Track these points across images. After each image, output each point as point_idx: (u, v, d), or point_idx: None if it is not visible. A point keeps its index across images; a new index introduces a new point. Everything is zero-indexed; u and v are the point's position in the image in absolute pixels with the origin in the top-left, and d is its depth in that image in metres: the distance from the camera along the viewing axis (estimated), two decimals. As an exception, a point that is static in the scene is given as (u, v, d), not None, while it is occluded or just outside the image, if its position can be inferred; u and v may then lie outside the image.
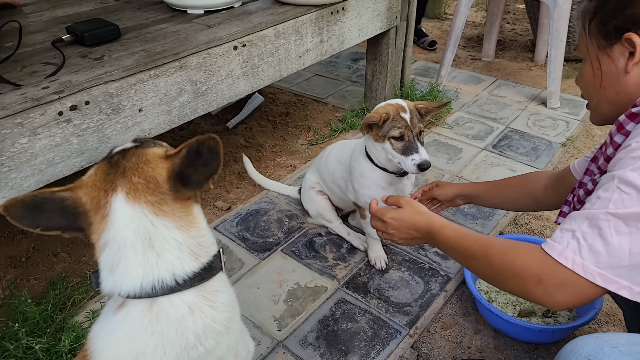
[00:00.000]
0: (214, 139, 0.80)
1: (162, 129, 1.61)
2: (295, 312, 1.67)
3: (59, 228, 0.83)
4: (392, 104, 1.56)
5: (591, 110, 1.14)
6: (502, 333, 1.58)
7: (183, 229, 0.84)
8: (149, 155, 0.85)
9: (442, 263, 1.86)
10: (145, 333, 0.82)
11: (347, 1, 2.15)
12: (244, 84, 1.83)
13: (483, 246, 1.04)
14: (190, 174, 0.82)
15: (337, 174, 1.84)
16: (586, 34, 1.03)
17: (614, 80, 1.01)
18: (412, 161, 1.51)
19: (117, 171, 0.84)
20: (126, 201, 0.82)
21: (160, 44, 1.62)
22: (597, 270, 0.83)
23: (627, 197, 0.80)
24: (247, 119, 2.87)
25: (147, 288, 0.82)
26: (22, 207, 0.80)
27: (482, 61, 3.62)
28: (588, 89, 1.09)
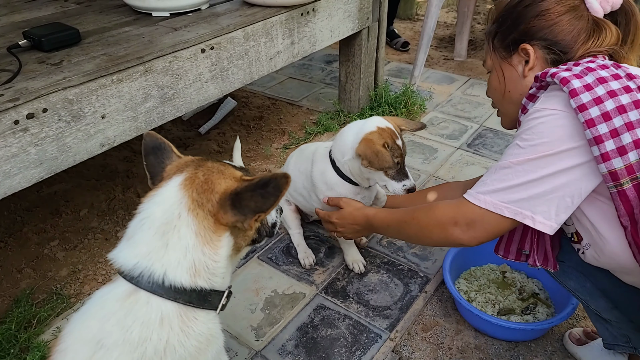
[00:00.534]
0: (286, 179, 0.85)
1: (128, 136, 1.55)
2: (273, 321, 1.62)
3: (150, 170, 0.95)
4: (385, 130, 1.49)
5: (501, 116, 1.31)
6: (483, 332, 1.57)
7: (200, 240, 0.84)
8: (228, 170, 0.91)
9: (421, 264, 1.84)
10: (112, 320, 0.81)
11: (317, 2, 2.12)
12: (214, 88, 1.78)
13: (410, 211, 1.26)
14: (245, 197, 0.86)
15: (299, 183, 1.78)
16: (491, 49, 1.24)
17: (516, 84, 1.20)
18: (403, 186, 1.51)
19: (199, 164, 0.91)
20: (179, 185, 0.86)
21: (123, 48, 1.56)
22: (504, 204, 1.02)
23: (522, 151, 1.00)
24: (220, 124, 2.81)
25: (137, 271, 0.82)
26: (154, 138, 0.96)
27: (454, 61, 3.65)
28: (496, 94, 1.27)
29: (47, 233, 2.03)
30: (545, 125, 0.98)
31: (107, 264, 1.89)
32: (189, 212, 0.84)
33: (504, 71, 1.21)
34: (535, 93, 1.09)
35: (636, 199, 0.94)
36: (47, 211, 2.14)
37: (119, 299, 0.82)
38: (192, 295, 0.84)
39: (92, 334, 0.80)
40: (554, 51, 1.12)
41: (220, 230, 0.86)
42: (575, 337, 1.50)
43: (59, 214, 2.13)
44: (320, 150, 1.70)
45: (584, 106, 0.93)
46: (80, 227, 2.06)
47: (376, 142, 1.46)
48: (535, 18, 1.13)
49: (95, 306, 0.84)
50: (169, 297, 0.82)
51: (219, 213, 0.85)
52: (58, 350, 0.82)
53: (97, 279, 1.83)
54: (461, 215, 1.09)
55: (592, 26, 1.10)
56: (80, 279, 1.83)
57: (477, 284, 1.71)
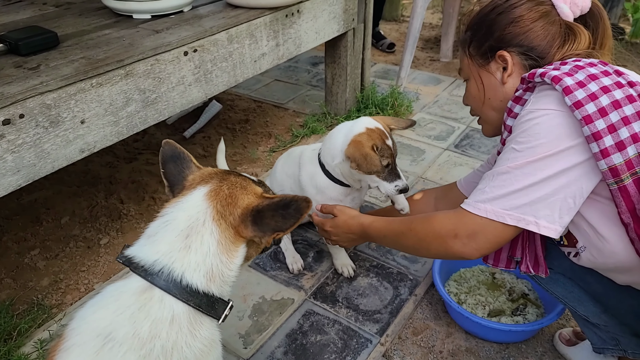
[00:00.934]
0: (307, 203, 0.90)
1: (110, 141, 1.51)
2: (261, 328, 1.59)
3: (169, 179, 0.99)
4: (374, 130, 1.46)
5: (482, 123, 1.31)
6: (473, 335, 1.55)
7: (220, 248, 0.89)
8: (250, 185, 0.96)
9: (411, 267, 1.82)
10: (126, 313, 0.83)
11: (302, 3, 2.10)
12: (197, 91, 1.75)
13: (407, 222, 1.23)
14: (266, 216, 0.90)
15: (286, 186, 1.75)
16: (467, 57, 1.23)
17: (496, 91, 1.19)
18: (395, 187, 1.48)
19: (223, 177, 0.96)
20: (205, 195, 0.91)
21: (102, 51, 1.52)
22: (506, 212, 0.99)
23: (519, 154, 0.98)
24: (205, 127, 2.77)
25: (156, 268, 0.85)
26: (172, 147, 1.00)
27: (440, 62, 3.65)
28: (476, 102, 1.26)
29: (28, 242, 1.97)
30: (541, 126, 0.97)
31: (89, 272, 1.85)
32: (213, 221, 0.89)
33: (482, 79, 1.21)
34: (522, 95, 1.08)
35: (637, 194, 0.93)
36: (27, 219, 2.09)
37: (135, 293, 0.85)
38: (203, 300, 0.87)
39: (103, 325, 0.82)
40: (531, 57, 1.13)
41: (238, 242, 0.91)
42: (565, 337, 1.49)
43: (39, 222, 2.08)
44: (306, 153, 1.67)
45: (580, 103, 0.92)
46: (61, 235, 2.01)
47: (365, 144, 1.42)
48: (510, 25, 1.14)
49: (109, 298, 0.86)
50: (182, 297, 0.85)
51: (240, 226, 0.91)
52: (68, 338, 0.83)
53: (79, 288, 1.78)
54: (461, 226, 1.05)
55: (565, 31, 1.11)
56: (62, 289, 1.78)
57: (467, 286, 1.70)
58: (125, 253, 0.89)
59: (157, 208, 2.14)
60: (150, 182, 2.30)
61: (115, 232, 2.02)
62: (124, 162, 2.48)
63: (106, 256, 1.92)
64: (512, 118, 1.10)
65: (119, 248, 1.95)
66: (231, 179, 0.95)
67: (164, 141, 1.01)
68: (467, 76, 1.27)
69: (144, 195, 2.22)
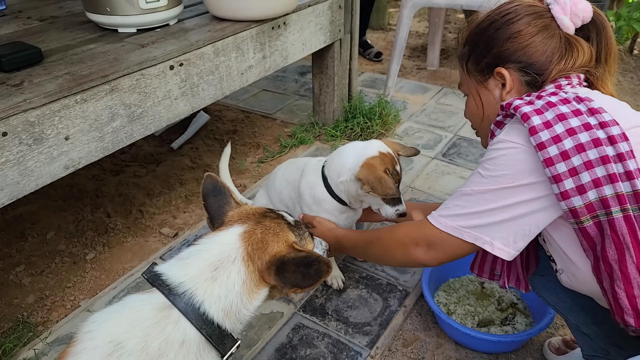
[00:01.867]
0: (328, 269, 0.93)
1: (95, 157, 1.49)
2: (250, 342, 1.58)
3: (210, 212, 1.03)
4: (386, 155, 1.48)
5: (481, 137, 1.29)
6: (463, 345, 1.56)
7: (244, 288, 0.92)
8: (283, 232, 0.99)
9: (400, 277, 1.83)
10: (142, 325, 0.85)
11: (288, 16, 2.11)
12: (184, 105, 1.74)
13: (376, 232, 1.29)
14: (289, 269, 0.93)
15: (285, 193, 1.76)
16: (465, 73, 1.22)
17: (494, 108, 1.17)
18: (396, 211, 1.51)
19: (259, 220, 1.00)
20: (239, 235, 0.96)
21: (87, 66, 1.51)
22: (464, 229, 1.04)
23: (484, 180, 1.02)
24: (193, 138, 2.76)
25: (181, 290, 0.88)
26: (214, 181, 1.05)
27: (427, 70, 3.68)
28: (475, 118, 1.25)
29: (12, 258, 1.94)
30: (507, 158, 0.99)
31: (75, 288, 1.82)
32: (242, 261, 0.93)
33: (481, 96, 1.20)
34: (502, 120, 1.10)
35: (598, 236, 0.94)
36: (12, 235, 2.05)
37: (155, 308, 0.87)
38: (215, 332, 0.88)
39: (118, 332, 0.84)
40: (528, 73, 1.10)
41: (261, 285, 0.95)
42: (555, 346, 1.50)
43: (24, 237, 2.05)
44: (312, 162, 1.68)
45: (543, 145, 0.93)
46: (47, 251, 1.98)
47: (378, 167, 1.44)
48: (508, 41, 1.11)
49: (130, 308, 0.89)
50: (197, 324, 0.86)
51: (264, 272, 0.94)
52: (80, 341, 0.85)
53: (65, 305, 1.76)
54: (422, 236, 1.11)
55: (564, 45, 1.09)
56: (48, 306, 1.76)
57: (456, 296, 1.70)
58: (154, 269, 0.92)
59: (145, 221, 2.14)
60: (138, 195, 2.28)
61: (102, 247, 2.00)
62: (111, 174, 2.45)
63: (92, 272, 1.89)
64: (490, 138, 1.12)
65: (105, 263, 1.93)
66: (266, 223, 0.99)
67: (206, 174, 1.06)
68: (467, 92, 1.26)
69: (131, 208, 2.20)
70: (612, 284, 0.94)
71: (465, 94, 1.27)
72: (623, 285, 0.93)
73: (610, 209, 0.91)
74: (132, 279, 1.84)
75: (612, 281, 0.94)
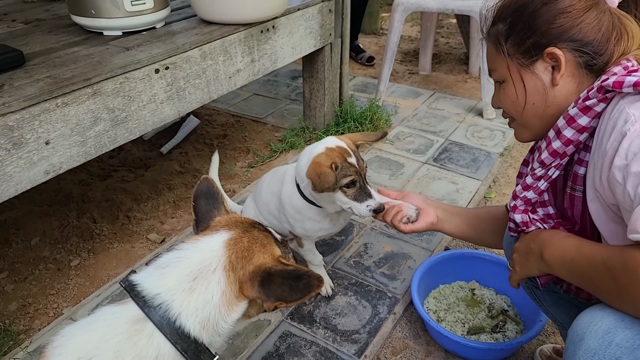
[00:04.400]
0: (319, 283, 0.87)
1: (77, 162, 1.46)
2: (236, 351, 1.55)
3: (197, 214, 0.99)
4: (334, 149, 1.42)
5: (518, 127, 1.14)
6: (453, 353, 1.53)
7: (222, 300, 0.87)
8: (270, 245, 0.95)
9: (390, 284, 1.80)
10: (113, 340, 0.81)
11: (277, 19, 2.09)
12: (170, 109, 1.72)
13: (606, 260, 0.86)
14: (274, 282, 0.88)
15: (272, 205, 1.72)
16: (505, 55, 1.06)
17: (543, 95, 1.03)
18: (367, 207, 1.42)
19: (247, 229, 0.95)
20: (224, 242, 0.91)
21: (69, 69, 1.48)
22: None
23: None
24: (182, 143, 2.73)
25: (157, 302, 0.84)
26: (209, 184, 1.02)
27: (419, 75, 3.67)
28: (515, 107, 1.09)
29: (-5, 265, 1.91)
30: None
31: (58, 296, 1.78)
32: (223, 271, 0.88)
33: (525, 82, 1.05)
34: (593, 105, 0.93)
35: None
36: (-5, 241, 2.02)
37: (127, 322, 0.83)
38: (191, 346, 0.84)
39: (87, 348, 0.81)
40: (586, 52, 0.98)
41: (241, 298, 0.90)
42: (546, 354, 1.48)
43: (8, 243, 2.01)
44: (290, 171, 1.63)
45: None
46: (30, 257, 1.94)
47: (323, 163, 1.39)
48: (558, 16, 0.98)
49: (101, 321, 0.85)
50: (171, 338, 0.83)
51: (246, 284, 0.89)
52: (49, 356, 0.81)
53: (47, 312, 1.72)
54: None
55: (617, 22, 0.98)
56: (31, 314, 1.72)
57: (446, 303, 1.68)
58: (130, 278, 0.88)
59: (132, 227, 2.11)
60: (125, 200, 2.24)
61: (87, 253, 1.96)
62: (98, 179, 2.42)
63: (76, 278, 1.86)
64: (572, 129, 0.96)
65: (90, 270, 1.89)
66: (254, 233, 0.95)
67: (202, 177, 1.03)
68: (503, 77, 1.09)
69: (118, 213, 2.17)
70: None
71: (500, 80, 1.11)
72: None
73: None
74: (116, 286, 1.80)
75: None
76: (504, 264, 1.63)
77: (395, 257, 1.93)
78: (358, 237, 2.04)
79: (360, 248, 1.98)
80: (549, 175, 1.04)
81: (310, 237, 1.66)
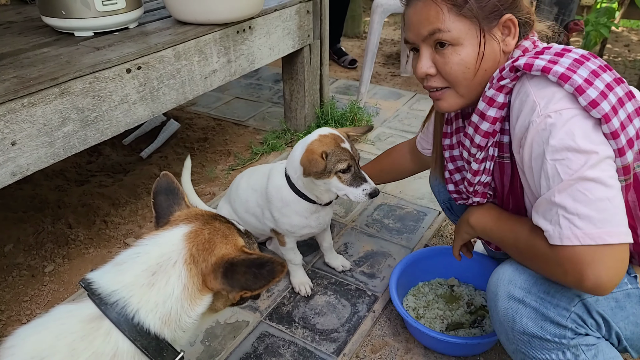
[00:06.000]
0: (283, 268, 0.86)
1: (45, 163, 1.43)
2: (213, 353, 1.52)
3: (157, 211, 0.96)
4: (327, 136, 1.47)
5: (452, 97, 1.11)
6: (432, 349, 1.52)
7: (184, 294, 0.85)
8: (233, 236, 0.93)
9: (369, 282, 1.79)
10: (67, 339, 0.79)
11: (253, 20, 2.09)
12: (143, 110, 1.70)
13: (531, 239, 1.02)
14: (237, 271, 0.87)
15: (251, 202, 1.72)
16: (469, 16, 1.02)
17: (494, 62, 1.06)
18: (363, 191, 1.45)
19: (208, 221, 0.93)
20: (184, 235, 0.89)
21: (37, 70, 1.45)
22: (598, 231, 0.86)
23: (567, 162, 0.89)
24: (163, 147, 2.70)
25: (113, 298, 0.81)
26: (169, 180, 0.99)
27: (401, 77, 3.69)
28: (468, 73, 1.05)
29: (-33, 272, 1.86)
30: (576, 127, 0.89)
31: (32, 302, 1.74)
32: (184, 264, 0.86)
33: (485, 44, 1.03)
34: (507, 84, 0.99)
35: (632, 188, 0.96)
36: (-33, 248, 1.97)
37: (82, 320, 0.81)
38: (152, 343, 0.83)
39: (41, 348, 0.78)
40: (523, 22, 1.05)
41: (205, 291, 0.88)
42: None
43: (-20, 250, 1.97)
44: (277, 167, 1.66)
45: (595, 102, 0.88)
46: (4, 264, 1.90)
47: (315, 150, 1.43)
48: None
49: (56, 320, 0.83)
50: (130, 335, 0.81)
51: (209, 276, 0.87)
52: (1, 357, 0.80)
53: (21, 319, 1.68)
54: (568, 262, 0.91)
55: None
56: (3, 321, 1.68)
57: (425, 300, 1.67)
58: (86, 277, 0.85)
59: (109, 232, 2.07)
60: (102, 205, 2.21)
61: (62, 259, 1.93)
62: (75, 185, 2.38)
63: (51, 284, 1.82)
64: (494, 108, 1.02)
65: (64, 276, 1.85)
66: (215, 225, 0.93)
67: (162, 173, 1.01)
68: (457, 40, 1.02)
69: (94, 219, 2.13)
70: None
71: (452, 43, 1.03)
72: None
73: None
74: (91, 290, 1.77)
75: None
76: (482, 260, 1.63)
77: (375, 255, 1.92)
78: (338, 237, 2.03)
79: (341, 247, 1.97)
80: (491, 154, 1.12)
81: (294, 234, 1.65)
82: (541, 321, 1.00)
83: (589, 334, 1.00)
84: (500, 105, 1.02)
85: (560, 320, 0.98)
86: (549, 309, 0.99)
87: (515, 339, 1.05)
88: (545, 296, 1.01)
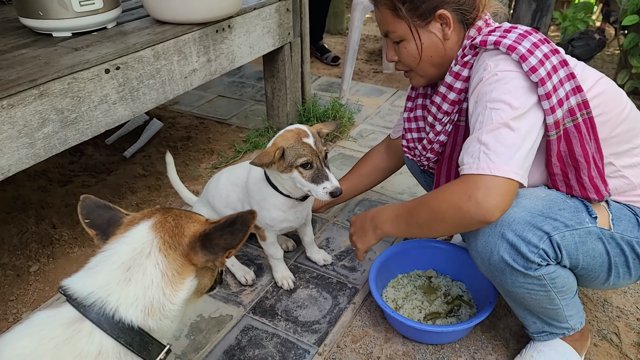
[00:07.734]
0: (252, 215, 0.89)
1: (26, 164, 1.45)
2: (198, 346, 1.56)
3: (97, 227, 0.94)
4: (292, 130, 1.49)
5: (415, 77, 1.43)
6: (410, 339, 1.57)
7: (165, 280, 0.87)
8: (194, 215, 0.97)
9: (350, 275, 1.83)
10: (50, 344, 0.80)
11: (232, 19, 2.11)
12: (124, 109, 1.71)
13: (417, 199, 1.29)
14: (214, 237, 0.89)
15: (233, 197, 1.74)
16: (407, 18, 1.30)
17: (438, 48, 1.32)
18: (323, 189, 1.46)
19: (166, 211, 0.95)
20: (150, 227, 0.90)
21: (15, 71, 1.46)
22: (507, 167, 1.07)
23: (500, 111, 1.11)
24: (146, 146, 2.72)
25: (89, 300, 0.82)
26: (94, 199, 0.97)
27: (383, 74, 3.73)
28: (415, 61, 1.36)
29: (-50, 274, 1.87)
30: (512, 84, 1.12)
31: (18, 301, 1.76)
32: (159, 252, 0.88)
33: (422, 39, 1.31)
34: (469, 60, 1.25)
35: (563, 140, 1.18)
36: (-50, 251, 1.97)
37: (63, 324, 0.82)
38: (135, 339, 0.84)
39: (24, 354, 0.79)
40: (462, 10, 1.28)
41: (185, 272, 0.89)
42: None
43: (-36, 252, 1.97)
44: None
45: (535, 68, 1.10)
46: (-12, 265, 1.91)
47: (278, 143, 1.46)
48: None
49: (37, 326, 0.83)
50: (112, 333, 0.81)
51: (190, 254, 0.90)
52: None
53: (7, 318, 1.70)
54: (474, 187, 1.10)
55: None
56: (-12, 321, 1.69)
57: (404, 292, 1.72)
58: (62, 283, 0.86)
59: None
60: (86, 205, 2.22)
61: (47, 259, 1.94)
62: (58, 185, 2.39)
63: (36, 284, 1.83)
64: (460, 81, 1.29)
65: (49, 275, 1.87)
66: (175, 212, 0.95)
67: (82, 196, 0.98)
68: (402, 37, 1.33)
69: (78, 218, 2.14)
70: (579, 173, 1.19)
71: (398, 40, 1.35)
72: (587, 172, 1.18)
73: (575, 116, 1.16)
74: (76, 289, 1.79)
75: (577, 171, 1.19)
76: (459, 252, 1.68)
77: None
78: (320, 232, 2.07)
79: (323, 242, 2.01)
80: (452, 119, 1.39)
81: (273, 228, 1.68)
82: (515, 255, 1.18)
83: (549, 264, 1.20)
84: (464, 78, 1.28)
85: (530, 256, 1.16)
86: (522, 246, 1.16)
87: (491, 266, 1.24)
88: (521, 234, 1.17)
